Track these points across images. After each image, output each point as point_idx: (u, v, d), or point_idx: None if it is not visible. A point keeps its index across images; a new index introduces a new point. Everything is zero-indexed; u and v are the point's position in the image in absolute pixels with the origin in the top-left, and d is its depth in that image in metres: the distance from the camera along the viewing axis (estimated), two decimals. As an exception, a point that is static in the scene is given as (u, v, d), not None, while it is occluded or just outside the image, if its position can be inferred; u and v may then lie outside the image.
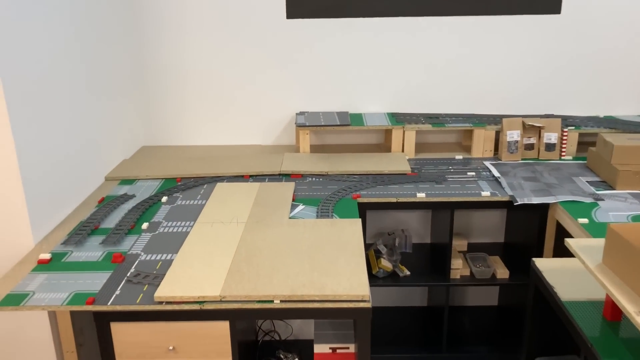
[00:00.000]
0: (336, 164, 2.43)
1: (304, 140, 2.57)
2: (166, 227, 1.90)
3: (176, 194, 2.20)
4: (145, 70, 2.69)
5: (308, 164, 2.42)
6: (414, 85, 2.72)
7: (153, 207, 2.07)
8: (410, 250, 2.40)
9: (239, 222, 1.87)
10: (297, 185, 2.25)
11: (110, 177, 2.37)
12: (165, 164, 2.48)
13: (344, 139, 2.82)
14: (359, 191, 2.18)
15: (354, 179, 2.30)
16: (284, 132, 2.81)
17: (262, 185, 2.21)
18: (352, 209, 2.02)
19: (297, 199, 2.12)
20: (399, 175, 2.33)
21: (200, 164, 2.45)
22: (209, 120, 2.78)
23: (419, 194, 2.14)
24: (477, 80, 2.71)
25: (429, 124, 2.59)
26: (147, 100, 2.75)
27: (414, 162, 2.50)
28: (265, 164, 2.44)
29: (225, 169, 2.39)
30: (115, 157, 2.53)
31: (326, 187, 2.23)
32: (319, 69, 2.70)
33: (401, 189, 2.20)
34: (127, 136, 2.67)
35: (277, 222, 1.87)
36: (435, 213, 2.54)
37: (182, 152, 2.72)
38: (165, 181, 2.33)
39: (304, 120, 2.58)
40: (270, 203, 2.03)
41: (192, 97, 2.74)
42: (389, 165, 2.40)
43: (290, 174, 2.36)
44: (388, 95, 2.75)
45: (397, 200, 2.13)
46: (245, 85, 2.72)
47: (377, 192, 2.17)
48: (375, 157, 2.50)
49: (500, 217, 2.69)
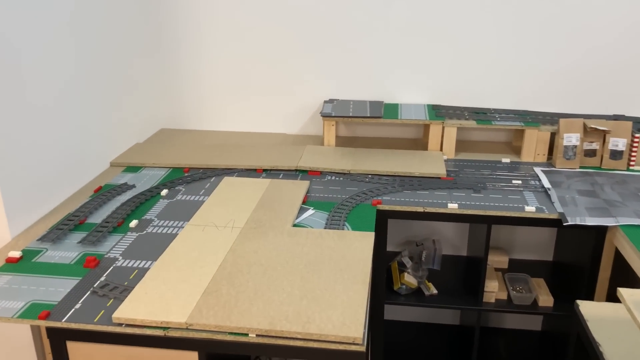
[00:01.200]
0: (361, 161, 2.15)
1: (329, 132, 2.30)
2: (156, 227, 1.70)
3: (179, 186, 2.00)
4: (168, 49, 2.49)
5: (330, 160, 2.16)
6: (460, 74, 2.39)
7: (150, 201, 1.88)
8: (438, 267, 2.10)
9: (234, 227, 1.64)
10: (313, 185, 2.00)
11: (116, 163, 2.19)
12: (176, 151, 2.28)
13: (377, 132, 2.53)
14: (381, 196, 1.90)
15: (378, 181, 2.02)
16: (311, 120, 2.55)
17: (273, 182, 1.97)
18: (369, 218, 1.75)
19: (308, 202, 1.86)
20: (431, 179, 2.03)
21: (213, 154, 2.24)
22: (233, 104, 2.56)
23: (451, 205, 1.83)
24: (532, 71, 2.34)
25: (473, 120, 2.25)
26: (168, 80, 2.55)
27: (452, 164, 2.18)
28: (282, 157, 2.20)
29: (238, 161, 2.16)
30: (128, 139, 2.35)
31: (345, 189, 1.97)
32: (353, 52, 2.41)
33: (431, 196, 1.91)
34: (145, 117, 2.49)
35: (277, 230, 1.63)
36: (473, 224, 2.22)
37: (200, 137, 2.52)
38: (172, 171, 2.13)
39: (331, 110, 2.31)
40: (277, 205, 1.79)
41: (216, 78, 2.52)
42: (422, 166, 2.10)
43: (308, 170, 2.11)
44: (430, 84, 2.42)
45: (424, 210, 1.83)
46: (273, 67, 2.47)
47: (403, 199, 1.88)
48: (407, 156, 2.20)
49: (550, 231, 2.33)
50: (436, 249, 2.14)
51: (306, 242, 1.56)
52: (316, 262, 1.46)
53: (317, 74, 2.46)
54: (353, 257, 1.49)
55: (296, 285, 1.36)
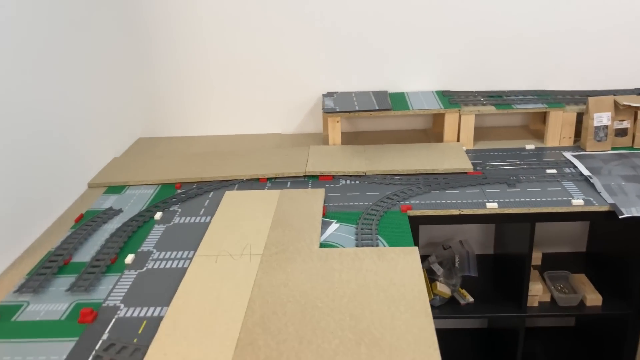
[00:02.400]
0: (375, 159, 1.92)
1: (334, 130, 2.06)
2: (157, 261, 1.43)
3: (174, 206, 1.73)
4: (140, 45, 2.19)
5: (340, 161, 1.92)
6: (469, 55, 2.17)
7: (143, 229, 1.60)
8: (475, 273, 1.89)
9: (252, 254, 1.39)
10: (328, 191, 1.75)
11: (95, 184, 1.90)
12: (162, 163, 2.00)
13: (382, 125, 2.30)
14: (408, 199, 1.68)
15: (399, 181, 1.79)
16: (309, 117, 2.30)
17: (283, 192, 1.72)
18: (403, 228, 1.53)
19: (328, 213, 1.62)
20: (457, 175, 1.81)
21: (206, 164, 1.97)
22: (218, 104, 2.28)
23: (490, 204, 1.62)
24: (549, 44, 2.15)
25: (490, 104, 2.05)
26: (144, 82, 2.26)
27: (473, 155, 1.98)
28: (286, 161, 1.94)
29: (237, 170, 1.90)
30: (104, 154, 2.06)
31: (365, 194, 1.73)
32: (349, 38, 2.16)
33: (463, 195, 1.69)
34: (120, 127, 2.20)
35: (304, 253, 1.39)
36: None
37: (186, 145, 2.24)
38: (161, 188, 1.86)
39: (334, 105, 2.07)
40: (295, 220, 1.54)
41: (197, 76, 2.24)
42: (444, 160, 1.88)
43: (319, 175, 1.86)
44: (436, 68, 2.20)
45: (461, 212, 1.62)
46: (261, 61, 2.20)
47: (433, 200, 1.66)
48: (424, 150, 1.98)
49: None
50: (468, 252, 1.93)
51: (342, 266, 1.33)
52: (361, 291, 1.23)
53: (310, 65, 2.21)
54: (402, 281, 1.26)
55: (347, 326, 1.12)
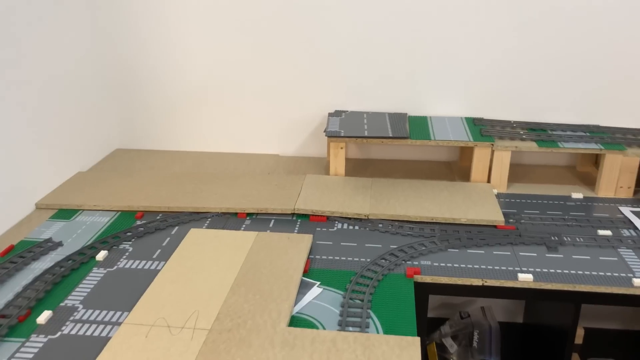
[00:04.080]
0: (383, 199, 1.55)
1: (337, 158, 1.70)
2: (77, 324, 1.10)
3: (125, 243, 1.39)
4: (122, 45, 1.88)
5: (339, 198, 1.56)
6: (507, 75, 1.79)
7: (78, 272, 1.27)
8: (497, 358, 1.50)
9: (196, 328, 1.04)
10: (318, 238, 1.40)
11: (43, 205, 1.58)
12: (129, 184, 1.68)
13: (397, 153, 1.93)
14: (417, 258, 1.31)
15: (409, 231, 1.42)
16: (311, 138, 1.95)
17: (261, 236, 1.37)
18: (406, 302, 1.16)
19: (312, 270, 1.27)
20: (484, 229, 1.44)
21: (178, 189, 1.63)
22: (210, 117, 1.95)
23: (523, 275, 1.24)
24: (607, 71, 1.75)
25: (531, 140, 1.67)
26: (124, 87, 1.94)
27: (506, 202, 1.59)
28: (274, 193, 1.60)
29: (212, 200, 1.56)
30: (66, 167, 1.74)
31: (363, 245, 1.37)
32: (365, 48, 1.81)
33: (489, 257, 1.32)
34: (92, 135, 1.89)
35: (264, 334, 1.03)
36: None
37: (167, 161, 1.91)
38: (119, 216, 1.53)
39: (339, 127, 1.71)
40: (265, 277, 1.19)
41: (188, 83, 1.91)
42: (469, 207, 1.50)
43: (310, 214, 1.51)
44: (467, 90, 1.83)
45: (484, 283, 1.24)
46: (261, 71, 1.87)
47: (449, 263, 1.29)
48: (445, 191, 1.60)
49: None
50: (491, 327, 1.54)
51: (312, 358, 0.97)
52: (330, 407, 0.87)
53: (317, 77, 1.86)
54: (391, 394, 0.89)
55: None
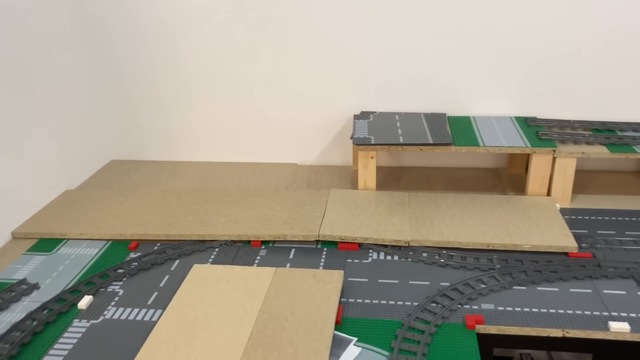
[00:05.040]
0: (425, 219, 1.29)
1: (367, 170, 1.44)
2: (48, 404, 0.85)
3: (115, 284, 1.14)
4: (117, 44, 1.63)
5: (372, 220, 1.29)
6: (564, 66, 1.51)
7: (53, 328, 1.02)
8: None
9: (201, 415, 0.79)
10: (349, 273, 1.14)
11: (21, 234, 1.34)
12: (122, 207, 1.43)
13: (434, 159, 1.66)
14: (476, 301, 1.04)
15: (462, 262, 1.16)
16: (334, 144, 1.68)
17: (280, 274, 1.11)
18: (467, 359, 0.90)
19: (345, 320, 1.01)
20: (553, 257, 1.17)
21: (180, 211, 1.38)
22: (216, 122, 1.69)
23: (615, 324, 0.97)
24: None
25: (599, 144, 1.39)
26: (120, 91, 1.69)
27: (572, 219, 1.32)
28: (292, 214, 1.34)
29: (220, 226, 1.30)
30: (50, 186, 1.50)
31: (407, 282, 1.11)
32: (392, 39, 1.54)
33: (566, 296, 1.05)
34: (84, 147, 1.64)
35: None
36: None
37: (168, 173, 1.66)
38: (109, 247, 1.28)
39: (368, 132, 1.45)
40: (287, 334, 0.94)
41: (190, 86, 1.66)
42: (531, 230, 1.23)
43: (338, 241, 1.25)
44: (517, 85, 1.55)
45: (565, 334, 0.98)
46: (272, 66, 1.60)
47: (516, 305, 1.03)
48: (498, 207, 1.33)
49: None
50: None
51: None
52: None
53: (340, 74, 1.59)
54: None
55: None
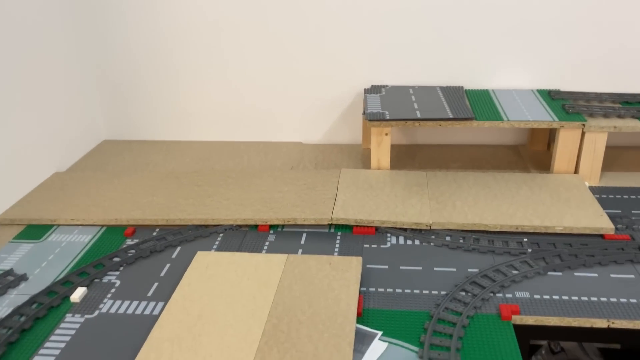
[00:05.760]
0: (447, 200, 1.19)
1: (381, 147, 1.33)
2: (38, 412, 0.76)
3: (111, 274, 1.04)
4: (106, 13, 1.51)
5: (389, 201, 1.20)
6: (590, 35, 1.41)
7: (43, 323, 0.92)
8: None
9: None
10: (367, 259, 1.04)
11: (6, 220, 1.23)
12: (117, 190, 1.32)
13: (450, 136, 1.56)
14: (509, 288, 0.95)
15: (490, 246, 1.06)
16: (342, 121, 1.58)
17: (292, 261, 1.01)
18: (507, 354, 0.81)
19: (367, 311, 0.91)
20: (588, 239, 1.07)
21: (180, 193, 1.27)
22: (215, 99, 1.58)
23: (665, 313, 0.89)
24: None
25: (631, 117, 1.29)
26: (110, 66, 1.57)
27: (604, 198, 1.23)
28: (302, 196, 1.23)
29: (224, 209, 1.20)
30: (38, 168, 1.39)
31: (431, 271, 1.01)
32: (404, 7, 1.42)
33: (606, 284, 0.96)
34: (73, 126, 1.53)
35: None
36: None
37: (165, 154, 1.56)
38: (104, 233, 1.17)
39: (382, 107, 1.34)
40: (305, 329, 0.84)
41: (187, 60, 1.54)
42: (562, 211, 1.14)
43: (353, 225, 1.15)
44: (539, 55, 1.45)
45: (610, 325, 0.89)
46: (275, 37, 1.49)
47: (553, 293, 0.93)
48: (524, 186, 1.24)
49: None
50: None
51: None
52: None
53: (347, 45, 1.48)
54: None
55: None
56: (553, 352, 1.24)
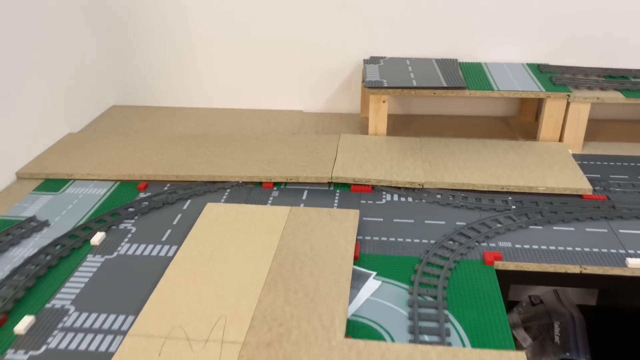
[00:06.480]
0: (439, 163, 1.28)
1: (379, 114, 1.41)
2: (67, 334, 0.84)
3: (127, 222, 1.13)
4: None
5: (385, 163, 1.28)
6: (579, 13, 1.49)
7: (68, 261, 1.01)
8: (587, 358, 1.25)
9: (224, 341, 0.79)
10: (364, 213, 1.13)
11: (26, 174, 1.31)
12: (128, 148, 1.40)
13: (444, 107, 1.65)
14: (493, 239, 1.04)
15: (476, 203, 1.15)
16: (341, 91, 1.66)
17: (295, 212, 1.10)
18: (490, 297, 0.90)
19: (363, 256, 1.01)
20: (568, 199, 1.17)
21: (188, 153, 1.36)
22: (220, 68, 1.65)
23: (632, 260, 0.98)
24: None
25: (614, 89, 1.38)
26: (120, 34, 1.64)
27: (585, 165, 1.32)
28: (303, 158, 1.32)
29: (230, 167, 1.29)
30: (53, 129, 1.46)
31: (422, 222, 1.10)
32: (409, -19, 1.50)
33: (582, 236, 1.05)
34: (84, 91, 1.60)
35: (317, 350, 0.78)
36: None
37: (171, 120, 1.63)
38: (118, 186, 1.26)
39: (380, 76, 1.42)
40: (308, 268, 0.93)
41: (193, 28, 1.61)
42: (545, 173, 1.23)
43: (351, 183, 1.24)
44: (530, 31, 1.53)
45: (582, 270, 0.98)
46: (278, 7, 1.56)
47: (533, 243, 1.03)
48: (511, 152, 1.32)
49: None
50: (574, 318, 1.28)
51: (385, 387, 0.71)
52: None
53: (347, 18, 1.55)
54: None
55: None
56: (533, 304, 1.34)
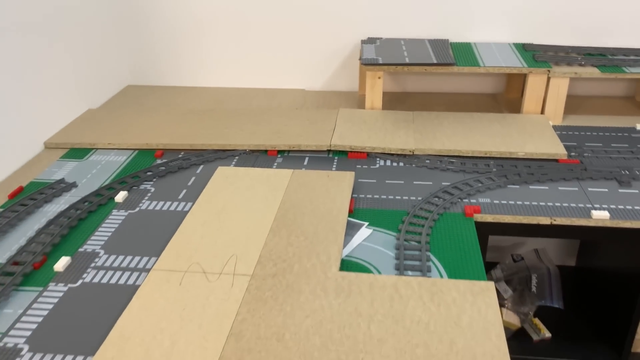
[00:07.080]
0: (428, 133, 1.40)
1: (374, 90, 1.54)
2: (99, 271, 0.97)
3: (146, 183, 1.26)
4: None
5: (379, 133, 1.41)
6: (564, -4, 1.60)
7: (96, 215, 1.14)
8: (560, 304, 1.37)
9: (236, 274, 0.92)
10: (359, 176, 1.26)
11: (53, 144, 1.44)
12: (145, 121, 1.53)
13: (437, 84, 1.76)
14: (474, 196, 1.17)
15: (461, 167, 1.28)
16: (341, 70, 1.78)
17: (297, 174, 1.23)
18: (468, 242, 1.02)
19: (357, 210, 1.13)
20: (545, 164, 1.29)
21: (200, 125, 1.48)
22: (227, 49, 1.78)
23: (597, 212, 1.10)
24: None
25: (591, 65, 1.49)
26: (135, 18, 1.76)
27: (564, 134, 1.44)
28: (306, 129, 1.44)
29: (239, 137, 1.41)
30: (75, 105, 1.59)
31: (411, 183, 1.23)
32: (403, -33, 1.62)
33: (555, 194, 1.17)
34: (101, 71, 1.72)
35: (314, 279, 0.90)
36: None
37: (182, 97, 1.76)
38: (137, 154, 1.39)
39: (375, 54, 1.54)
40: (307, 218, 1.06)
41: (202, 13, 1.73)
42: (525, 141, 1.35)
43: (348, 150, 1.36)
44: (515, 12, 1.64)
45: (553, 221, 1.10)
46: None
47: (511, 200, 1.15)
48: (496, 123, 1.45)
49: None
50: (550, 270, 1.41)
51: (374, 309, 0.84)
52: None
53: (347, 3, 1.67)
54: (471, 345, 0.77)
55: None
56: (515, 261, 1.47)
